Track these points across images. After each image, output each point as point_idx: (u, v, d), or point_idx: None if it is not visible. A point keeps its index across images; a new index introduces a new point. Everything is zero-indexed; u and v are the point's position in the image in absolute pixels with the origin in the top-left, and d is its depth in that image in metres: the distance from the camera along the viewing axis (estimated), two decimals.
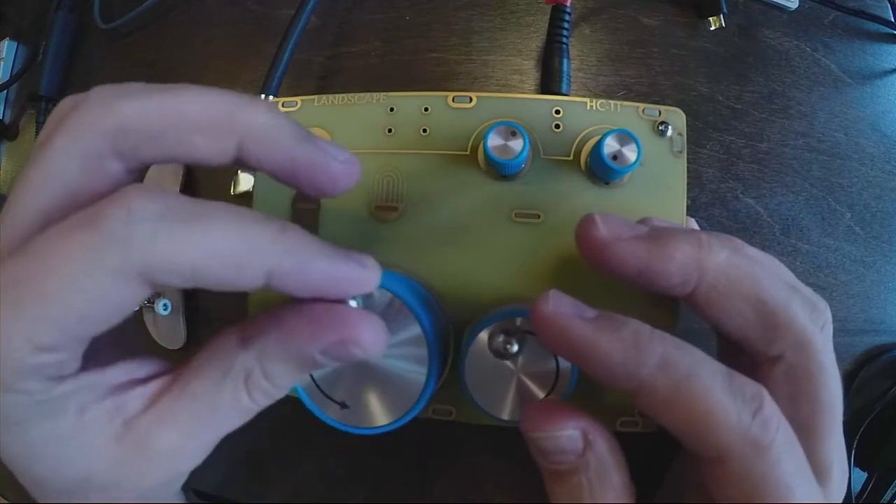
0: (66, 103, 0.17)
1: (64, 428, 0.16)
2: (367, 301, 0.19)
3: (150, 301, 0.31)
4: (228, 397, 0.17)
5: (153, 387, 0.17)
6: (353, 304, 0.18)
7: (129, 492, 0.16)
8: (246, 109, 0.17)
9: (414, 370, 0.20)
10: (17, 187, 0.16)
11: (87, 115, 0.16)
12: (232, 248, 0.15)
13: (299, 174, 0.17)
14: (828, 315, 0.20)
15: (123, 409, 0.16)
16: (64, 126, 0.16)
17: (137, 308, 0.15)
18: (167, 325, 0.32)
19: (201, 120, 0.16)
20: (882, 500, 0.28)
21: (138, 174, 0.18)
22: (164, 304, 0.31)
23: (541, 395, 0.20)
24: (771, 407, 0.17)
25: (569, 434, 0.18)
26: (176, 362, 0.18)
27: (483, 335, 0.20)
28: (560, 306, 0.18)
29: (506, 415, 0.20)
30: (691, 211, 0.26)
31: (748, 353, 0.19)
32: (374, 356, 0.17)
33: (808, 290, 0.20)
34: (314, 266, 0.16)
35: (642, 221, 0.21)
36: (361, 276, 0.17)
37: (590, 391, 0.18)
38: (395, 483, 0.30)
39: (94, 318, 0.15)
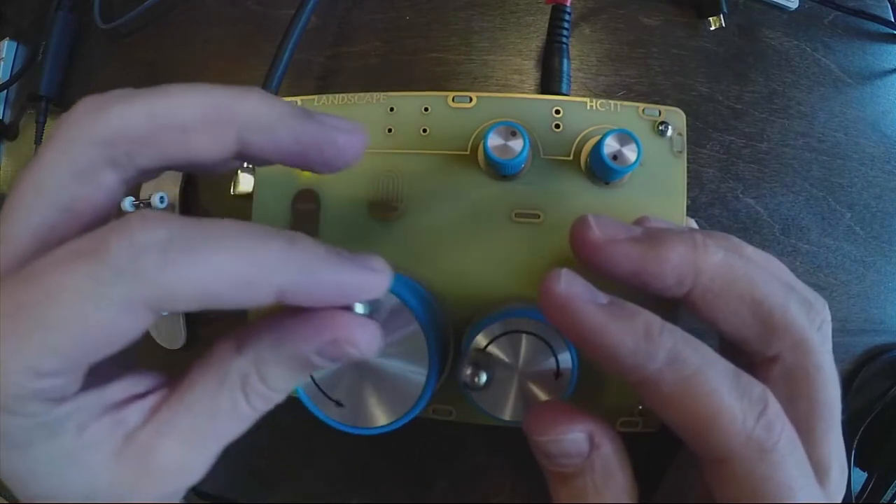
0: (58, 120, 0.17)
1: (64, 447, 0.15)
2: (378, 303, 0.19)
3: None
4: (226, 405, 0.17)
5: (152, 400, 0.17)
6: (359, 308, 0.17)
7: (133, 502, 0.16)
8: (239, 99, 0.16)
9: (414, 370, 0.20)
10: (9, 206, 0.16)
11: (74, 126, 0.16)
12: (239, 272, 0.15)
13: (306, 153, 0.17)
14: (826, 314, 0.19)
15: (123, 424, 0.16)
16: (52, 141, 0.16)
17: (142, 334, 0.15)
18: (167, 325, 0.32)
19: (194, 117, 0.16)
20: (882, 500, 0.28)
21: (135, 182, 0.17)
22: None
23: (540, 394, 0.20)
24: (775, 409, 0.17)
25: (575, 437, 0.18)
26: (176, 362, 0.18)
27: (482, 336, 0.20)
28: (572, 286, 0.17)
29: (506, 415, 0.20)
30: (691, 211, 0.26)
31: (746, 353, 0.19)
32: (370, 355, 0.17)
33: (806, 289, 0.20)
34: (324, 278, 0.16)
35: (640, 221, 0.21)
36: (372, 281, 0.17)
37: (590, 391, 0.18)
38: (395, 483, 0.30)
39: (99, 347, 0.15)
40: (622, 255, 0.18)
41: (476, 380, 0.20)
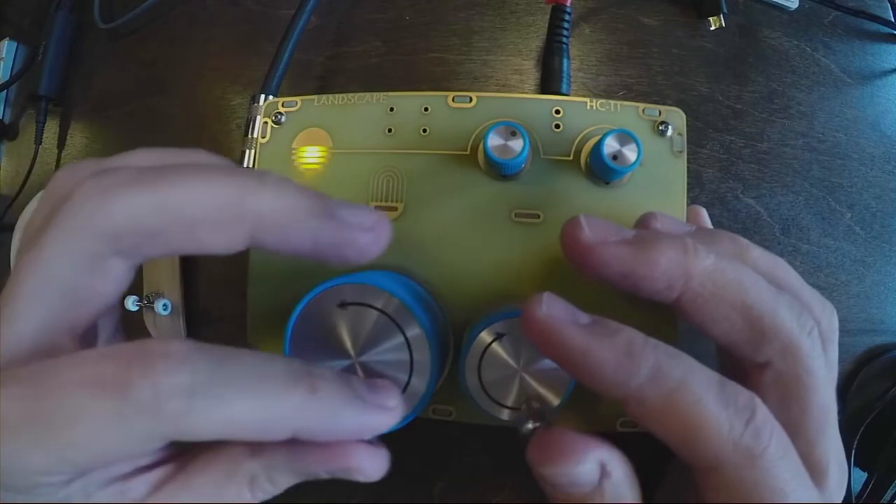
0: (58, 183, 0.17)
1: None
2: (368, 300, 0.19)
3: (150, 301, 0.31)
4: (230, 495, 0.17)
5: (157, 474, 0.17)
6: None
7: None
8: (253, 195, 0.16)
9: (413, 371, 0.20)
10: (15, 292, 0.16)
11: (79, 214, 0.16)
12: (258, 419, 0.15)
13: (324, 253, 0.17)
14: (826, 318, 0.19)
15: (128, 494, 0.17)
16: (56, 225, 0.16)
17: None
18: (167, 325, 0.32)
19: (204, 214, 0.15)
20: (882, 500, 0.28)
21: (141, 264, 0.18)
22: (164, 305, 0.31)
23: (540, 393, 0.20)
24: (763, 414, 0.17)
25: (586, 469, 0.17)
26: None
27: (483, 335, 0.20)
28: (553, 309, 0.17)
29: (506, 415, 0.20)
30: None
31: (737, 358, 0.19)
32: (376, 479, 0.18)
33: (810, 294, 0.20)
34: (340, 423, 0.16)
35: (646, 218, 0.21)
36: (384, 423, 0.17)
37: (589, 391, 0.18)
38: (395, 483, 0.30)
39: (112, 463, 0.16)
40: (612, 257, 0.18)
41: (527, 427, 0.19)
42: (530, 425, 0.18)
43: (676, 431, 0.16)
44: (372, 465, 0.17)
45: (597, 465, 0.17)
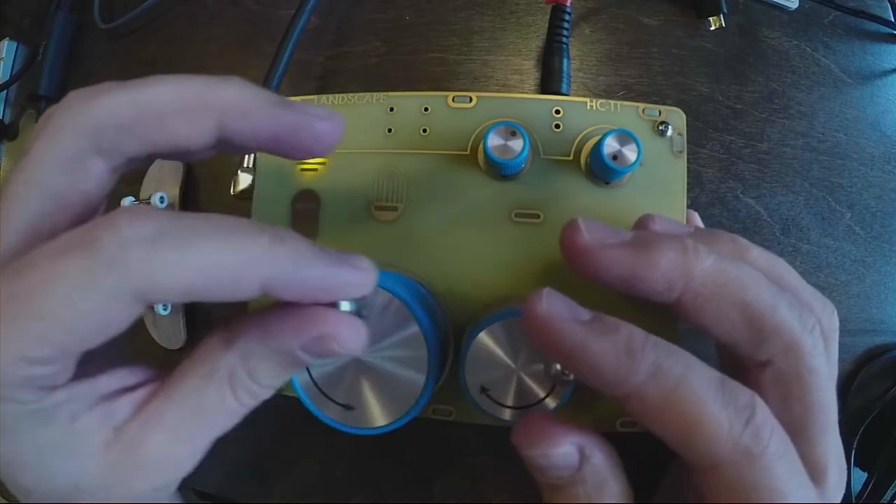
0: (46, 114, 0.17)
1: (55, 436, 0.16)
2: (366, 301, 0.19)
3: None
4: (213, 399, 0.17)
5: (142, 393, 0.17)
6: (345, 306, 0.18)
7: (119, 497, 0.17)
8: (218, 86, 0.17)
9: (413, 370, 0.20)
10: (5, 197, 0.16)
11: (63, 118, 0.16)
12: (224, 266, 0.15)
13: (283, 139, 0.17)
14: (826, 318, 0.19)
15: (113, 416, 0.16)
16: (42, 133, 0.16)
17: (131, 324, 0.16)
18: (167, 325, 0.32)
19: (174, 104, 0.16)
20: (882, 500, 0.28)
21: (125, 171, 0.18)
22: (164, 305, 0.31)
23: (541, 395, 0.20)
24: (763, 413, 0.17)
25: (564, 451, 0.18)
26: (176, 362, 0.18)
27: (483, 335, 0.20)
28: (553, 305, 0.17)
29: (505, 415, 0.20)
30: None
31: (737, 357, 0.19)
32: (355, 352, 0.17)
33: (810, 294, 0.20)
34: (308, 274, 0.16)
35: (645, 220, 0.21)
36: (357, 279, 0.17)
37: (589, 391, 0.18)
38: (395, 483, 0.30)
39: (88, 336, 0.15)
40: (611, 261, 0.18)
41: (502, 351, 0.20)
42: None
43: (676, 430, 0.16)
44: (349, 334, 0.17)
45: (575, 449, 0.18)
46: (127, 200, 0.31)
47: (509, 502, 0.28)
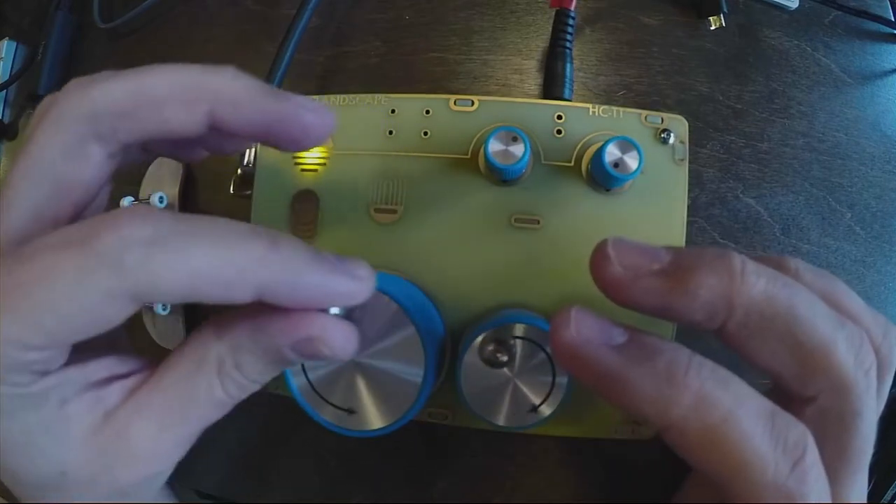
0: (45, 101, 0.18)
1: (44, 419, 0.16)
2: (364, 304, 0.19)
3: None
4: (202, 389, 0.17)
5: (133, 381, 0.17)
6: (334, 311, 0.18)
7: (105, 487, 0.17)
8: (211, 76, 0.17)
9: (410, 374, 0.20)
10: (7, 185, 0.17)
11: (63, 105, 0.17)
12: (218, 271, 0.15)
13: (273, 129, 0.18)
14: (885, 344, 0.18)
15: (103, 402, 0.17)
16: (44, 120, 0.17)
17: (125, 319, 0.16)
18: (166, 324, 0.32)
19: (168, 92, 0.17)
20: (882, 501, 0.28)
21: (122, 160, 0.18)
22: (164, 305, 0.31)
23: (536, 402, 0.20)
24: (812, 456, 0.15)
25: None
26: None
27: (479, 341, 0.20)
28: (584, 328, 0.16)
29: (501, 420, 0.20)
30: (691, 211, 0.26)
31: (780, 387, 0.18)
32: (343, 357, 0.17)
33: (872, 318, 0.18)
34: (304, 282, 0.16)
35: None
36: (352, 289, 0.17)
37: (587, 397, 0.18)
38: (395, 483, 0.30)
39: (83, 328, 0.15)
40: (646, 293, 0.16)
41: (499, 356, 0.20)
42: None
43: (718, 466, 0.15)
44: (339, 337, 0.17)
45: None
46: (126, 200, 0.31)
47: (509, 502, 0.29)
